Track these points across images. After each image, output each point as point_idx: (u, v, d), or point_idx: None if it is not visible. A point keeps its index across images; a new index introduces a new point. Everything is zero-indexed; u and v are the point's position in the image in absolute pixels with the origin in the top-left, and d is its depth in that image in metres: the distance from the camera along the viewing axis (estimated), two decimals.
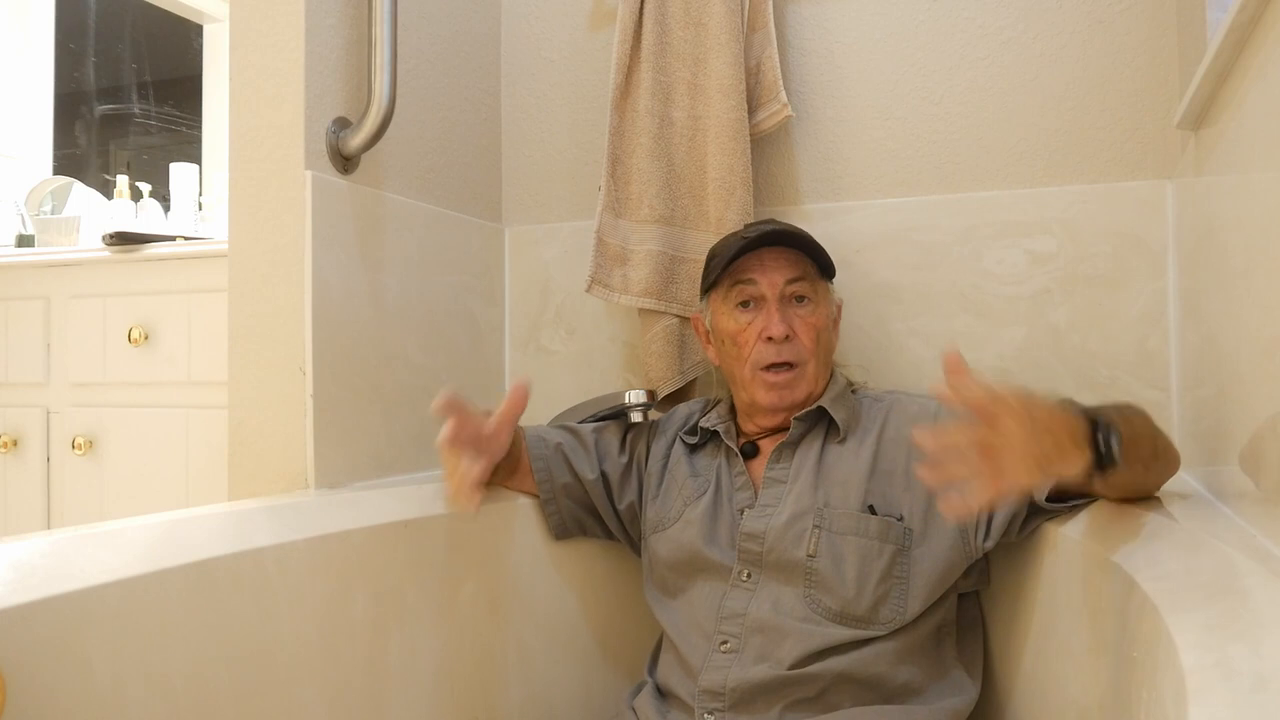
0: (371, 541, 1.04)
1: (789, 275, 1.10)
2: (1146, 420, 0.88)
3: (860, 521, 1.03)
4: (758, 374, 1.10)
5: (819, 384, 1.11)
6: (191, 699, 0.84)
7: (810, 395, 1.11)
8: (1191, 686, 0.50)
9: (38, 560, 0.77)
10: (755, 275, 1.11)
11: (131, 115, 2.86)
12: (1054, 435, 0.73)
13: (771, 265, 1.10)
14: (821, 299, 1.12)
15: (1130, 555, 0.78)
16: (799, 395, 1.10)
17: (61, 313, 1.90)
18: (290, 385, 1.18)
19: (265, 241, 1.20)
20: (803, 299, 1.11)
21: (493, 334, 1.61)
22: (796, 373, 1.09)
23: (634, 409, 1.29)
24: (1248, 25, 0.79)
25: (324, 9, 1.21)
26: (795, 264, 1.11)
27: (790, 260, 1.11)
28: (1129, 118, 1.31)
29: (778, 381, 1.09)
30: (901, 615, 1.00)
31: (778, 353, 1.08)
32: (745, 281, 1.11)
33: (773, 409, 1.11)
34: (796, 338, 1.09)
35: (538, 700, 1.24)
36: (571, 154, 1.61)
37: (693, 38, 1.41)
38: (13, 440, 1.93)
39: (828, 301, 1.14)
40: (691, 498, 1.13)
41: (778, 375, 1.09)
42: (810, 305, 1.11)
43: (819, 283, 1.13)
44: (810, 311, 1.10)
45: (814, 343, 1.10)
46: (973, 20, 1.38)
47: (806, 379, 1.10)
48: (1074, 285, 1.32)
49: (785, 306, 1.10)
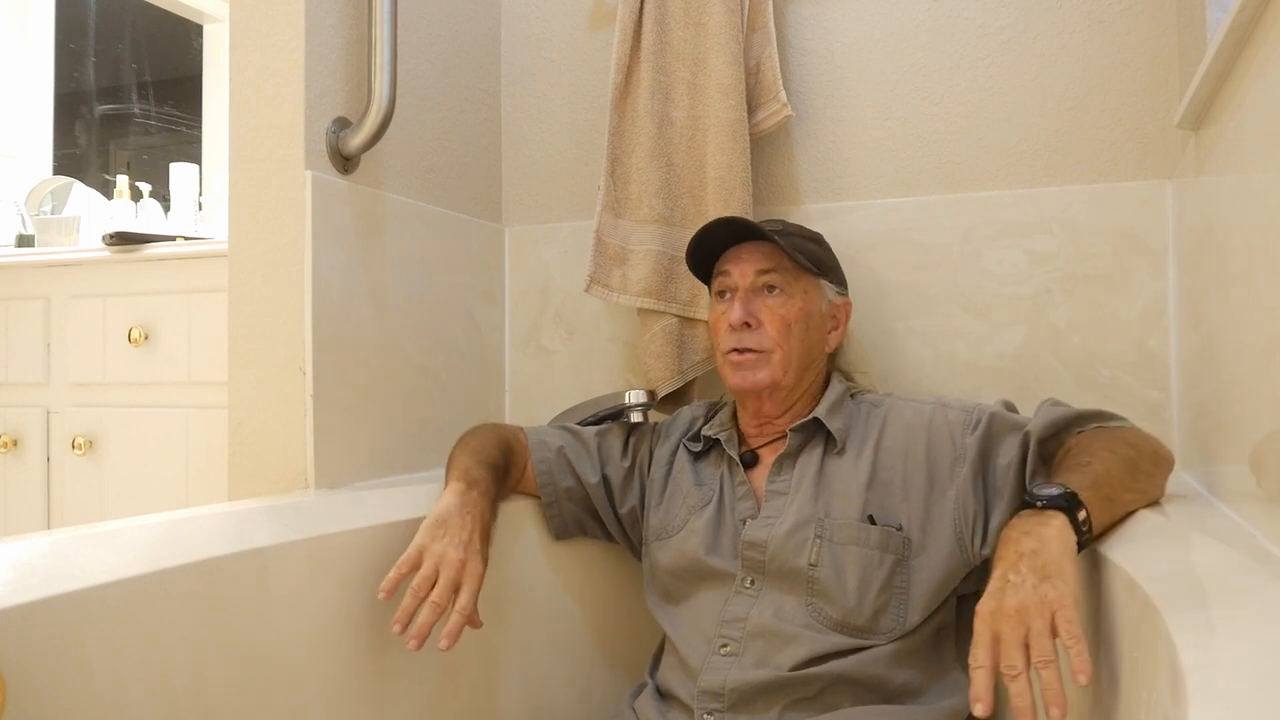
0: (371, 541, 1.04)
1: (760, 266, 1.12)
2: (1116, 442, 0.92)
3: (860, 531, 1.03)
4: (725, 358, 1.13)
5: (790, 374, 1.11)
6: (191, 699, 0.84)
7: (776, 383, 1.11)
8: (1191, 686, 0.50)
9: (38, 560, 0.77)
10: (730, 267, 1.14)
11: (131, 115, 2.86)
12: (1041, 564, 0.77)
13: (746, 257, 1.13)
14: (798, 292, 1.12)
15: (1130, 555, 0.78)
16: (761, 378, 1.10)
17: (61, 313, 1.90)
18: (290, 385, 1.18)
19: (265, 241, 1.20)
20: (773, 289, 1.12)
21: (493, 334, 1.61)
22: (758, 357, 1.10)
23: (634, 409, 1.29)
24: (1248, 25, 0.79)
25: (324, 9, 1.21)
26: (768, 256, 1.12)
27: (764, 253, 1.13)
28: (1129, 118, 1.31)
29: (740, 361, 1.11)
30: (902, 625, 1.01)
31: (738, 340, 1.10)
32: (722, 273, 1.15)
33: (739, 390, 1.13)
34: (761, 326, 1.10)
35: (538, 700, 1.24)
36: (571, 154, 1.61)
37: (692, 37, 1.41)
38: (13, 440, 1.93)
39: (809, 297, 1.13)
40: (696, 507, 1.13)
41: (740, 356, 1.11)
42: (781, 296, 1.11)
43: (798, 277, 1.13)
44: (780, 302, 1.11)
45: (782, 332, 1.10)
46: (973, 20, 1.38)
47: (771, 365, 1.10)
48: (1074, 285, 1.32)
49: (754, 296, 1.12)
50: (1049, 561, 0.76)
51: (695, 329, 1.42)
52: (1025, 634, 0.73)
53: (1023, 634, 0.73)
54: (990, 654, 0.74)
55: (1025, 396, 1.25)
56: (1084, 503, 0.82)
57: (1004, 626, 0.74)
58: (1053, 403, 1.03)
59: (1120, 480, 0.88)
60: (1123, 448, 0.92)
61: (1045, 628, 0.72)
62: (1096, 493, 0.85)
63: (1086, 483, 0.85)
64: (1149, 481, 0.92)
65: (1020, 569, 0.76)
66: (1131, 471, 0.90)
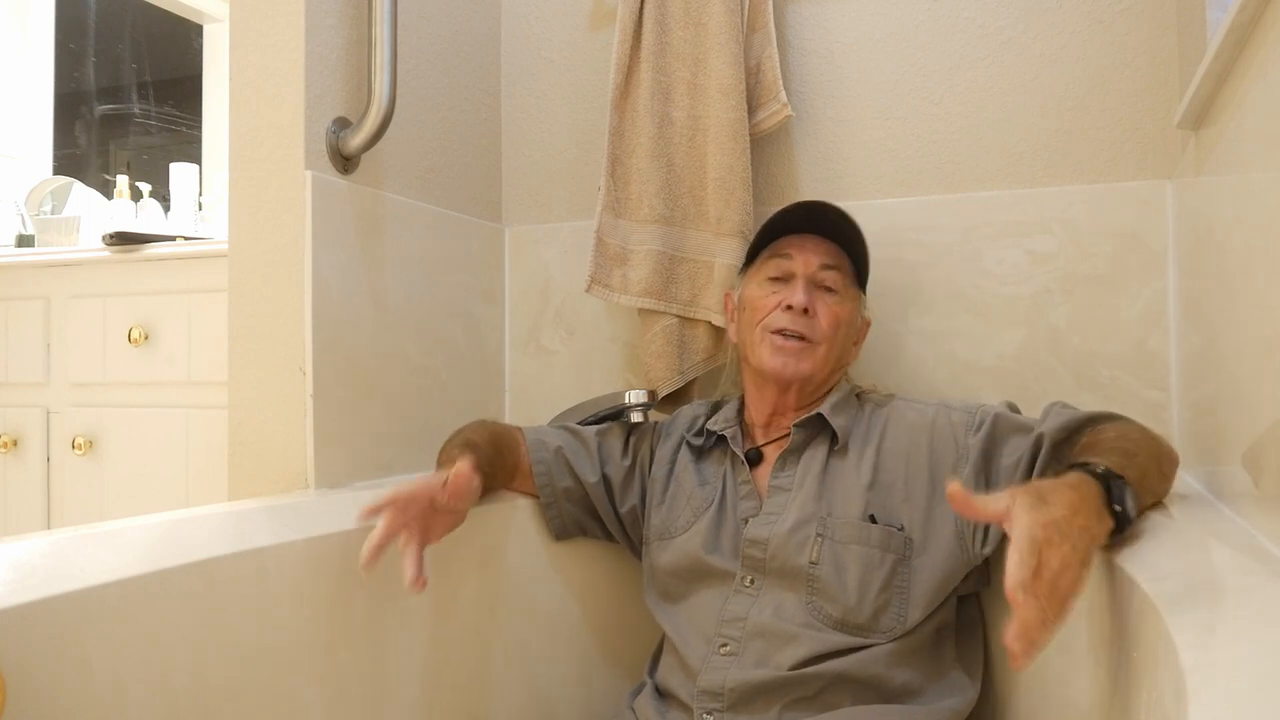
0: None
1: (824, 260, 1.12)
2: (1143, 437, 0.90)
3: (862, 530, 1.03)
4: (767, 335, 1.10)
5: (824, 372, 1.11)
6: (191, 699, 0.84)
7: (812, 375, 1.10)
8: (1191, 686, 0.50)
9: (38, 560, 0.77)
10: (793, 251, 1.13)
11: (131, 115, 2.86)
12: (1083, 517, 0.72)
13: (811, 247, 1.13)
14: (848, 298, 1.13)
15: (1130, 555, 0.78)
16: (804, 368, 1.09)
17: (61, 313, 1.90)
18: (290, 385, 1.18)
19: (265, 241, 1.20)
20: (831, 289, 1.12)
21: (493, 334, 1.61)
22: (805, 347, 1.09)
23: (634, 409, 1.29)
24: (1248, 25, 0.79)
25: (324, 9, 1.21)
26: (833, 254, 1.13)
27: (829, 250, 1.13)
28: (1129, 118, 1.31)
29: (785, 347, 1.09)
30: (902, 624, 1.01)
31: (792, 321, 1.09)
32: (782, 255, 1.13)
33: (776, 376, 1.10)
34: (816, 317, 1.10)
35: (538, 700, 1.24)
36: (571, 154, 1.61)
37: (693, 38, 1.41)
38: (13, 440, 1.93)
39: (854, 304, 1.15)
40: (701, 509, 1.13)
41: (787, 341, 1.09)
42: (838, 296, 1.12)
43: (851, 284, 1.14)
44: (837, 301, 1.12)
45: (833, 329, 1.10)
46: (973, 20, 1.38)
47: (815, 358, 1.10)
48: (1074, 285, 1.32)
49: (813, 287, 1.11)
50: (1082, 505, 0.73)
51: (695, 329, 1.42)
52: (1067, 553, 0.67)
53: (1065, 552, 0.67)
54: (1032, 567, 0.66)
55: (1025, 396, 1.25)
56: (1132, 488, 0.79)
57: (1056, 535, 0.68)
58: (1062, 405, 1.03)
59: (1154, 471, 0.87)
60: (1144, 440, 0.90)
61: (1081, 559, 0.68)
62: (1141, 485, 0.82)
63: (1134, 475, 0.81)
64: (1165, 484, 0.92)
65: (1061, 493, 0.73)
66: (1157, 463, 0.89)
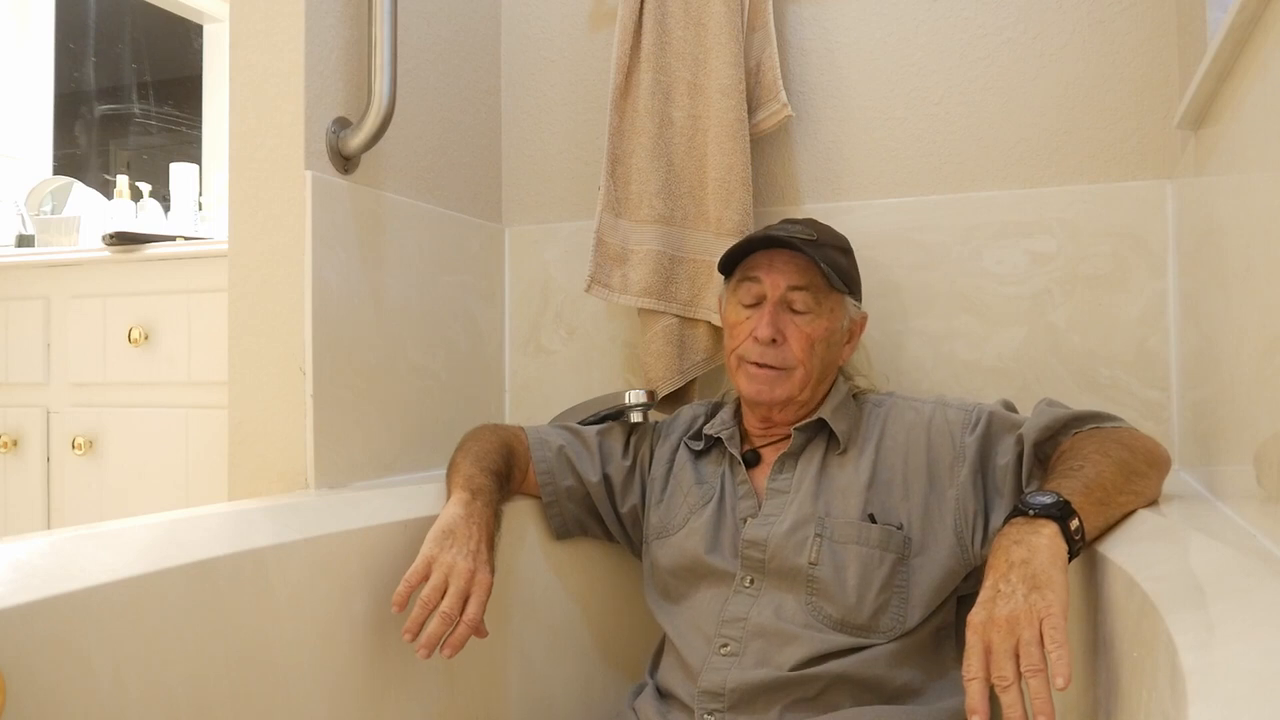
0: (371, 541, 1.04)
1: (792, 282, 1.09)
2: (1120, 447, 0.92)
3: (861, 530, 1.03)
4: (743, 364, 1.11)
5: (807, 390, 1.10)
6: (191, 699, 0.84)
7: (792, 398, 1.09)
8: (1191, 686, 0.50)
9: (38, 560, 0.77)
10: (761, 274, 1.10)
11: (131, 115, 2.86)
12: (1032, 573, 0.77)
13: (779, 267, 1.09)
14: (825, 311, 1.10)
15: (1130, 555, 0.78)
16: (778, 394, 1.09)
17: (61, 313, 1.90)
18: (290, 385, 1.18)
19: (265, 241, 1.20)
20: (801, 310, 1.09)
21: (493, 334, 1.61)
22: (779, 374, 1.09)
23: (634, 409, 1.29)
24: (1248, 25, 0.79)
25: (324, 9, 1.21)
26: (802, 272, 1.09)
27: (798, 267, 1.09)
28: (1129, 118, 1.31)
29: (758, 375, 1.09)
30: (902, 624, 1.01)
31: (760, 354, 1.08)
32: (751, 279, 1.11)
33: (752, 401, 1.12)
34: (786, 343, 1.08)
35: (538, 700, 1.24)
36: (571, 154, 1.61)
37: (693, 37, 1.41)
38: (13, 440, 1.93)
39: (835, 314, 1.11)
40: (696, 506, 1.13)
41: (760, 370, 1.09)
42: (809, 316, 1.09)
43: (827, 295, 1.10)
44: (808, 321, 1.09)
45: (806, 351, 1.08)
46: (973, 20, 1.38)
47: (791, 382, 1.09)
48: (1074, 285, 1.32)
49: (782, 310, 1.09)
50: (1039, 571, 0.76)
51: (695, 329, 1.42)
52: (1016, 644, 0.73)
53: (1013, 644, 0.73)
54: (983, 664, 0.74)
55: (1025, 396, 1.25)
56: (1076, 510, 0.82)
57: (995, 637, 0.74)
58: (1049, 403, 1.03)
59: (1114, 483, 0.88)
60: (1116, 449, 0.92)
61: (1034, 637, 0.72)
62: (1089, 498, 0.85)
63: (1079, 488, 0.85)
64: (1144, 482, 0.92)
65: (1011, 578, 0.77)
66: (1125, 473, 0.90)
